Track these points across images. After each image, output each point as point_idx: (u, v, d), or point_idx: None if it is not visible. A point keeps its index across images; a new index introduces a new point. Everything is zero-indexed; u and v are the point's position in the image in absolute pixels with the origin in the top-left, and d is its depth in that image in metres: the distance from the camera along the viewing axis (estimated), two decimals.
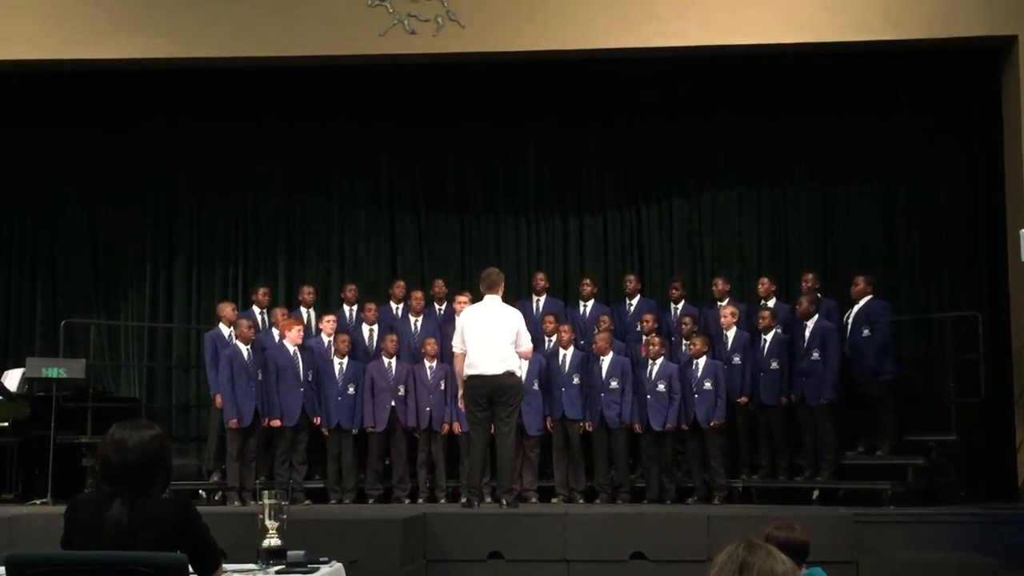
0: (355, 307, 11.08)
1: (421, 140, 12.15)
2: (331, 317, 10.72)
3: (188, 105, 11.86)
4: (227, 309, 10.64)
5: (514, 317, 9.07)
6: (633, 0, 10.29)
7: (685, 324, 10.26)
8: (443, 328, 10.47)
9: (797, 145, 11.78)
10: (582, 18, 10.30)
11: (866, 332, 9.94)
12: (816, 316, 9.98)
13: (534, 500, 9.94)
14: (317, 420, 10.29)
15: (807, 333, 9.95)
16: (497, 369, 8.84)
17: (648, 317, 10.39)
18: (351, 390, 10.26)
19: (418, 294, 10.95)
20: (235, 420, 9.86)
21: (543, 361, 10.17)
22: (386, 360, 10.30)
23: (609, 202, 12.00)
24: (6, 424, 10.27)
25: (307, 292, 11.12)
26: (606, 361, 9.98)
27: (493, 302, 9.06)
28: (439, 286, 11.12)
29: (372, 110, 11.98)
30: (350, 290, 11.20)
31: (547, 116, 11.94)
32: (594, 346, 10.06)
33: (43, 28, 10.41)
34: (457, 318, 9.39)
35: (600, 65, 11.12)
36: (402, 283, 11.21)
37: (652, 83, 11.50)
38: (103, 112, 11.96)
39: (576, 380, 10.04)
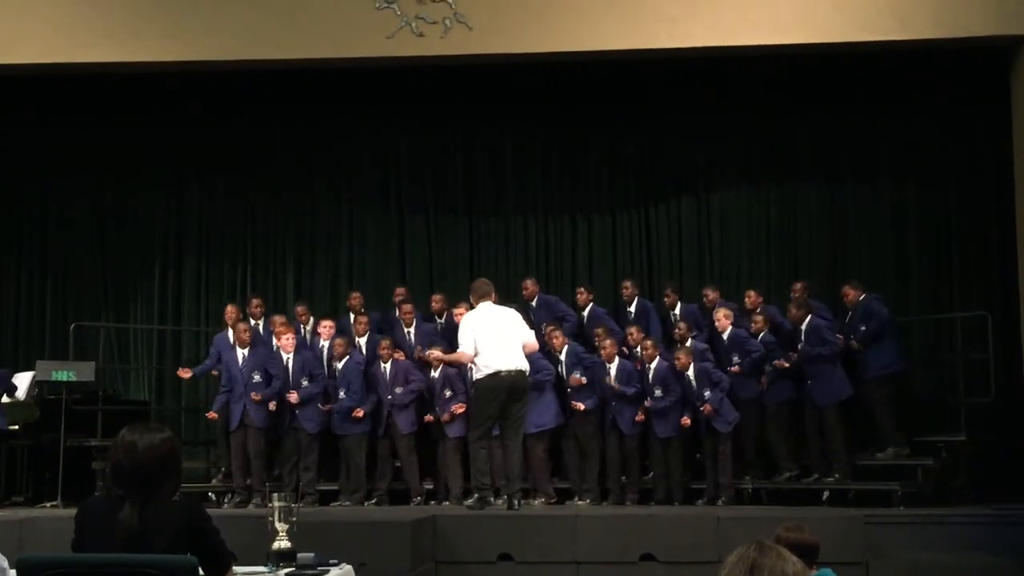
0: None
1: (429, 142, 12.17)
2: (328, 322, 10.69)
3: (196, 108, 11.89)
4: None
5: (517, 316, 9.15)
6: (641, 1, 10.27)
7: (679, 330, 10.24)
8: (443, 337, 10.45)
9: (806, 146, 11.77)
10: (590, 20, 10.28)
11: (863, 329, 9.96)
12: (808, 318, 9.96)
13: (553, 502, 9.93)
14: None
15: (803, 335, 9.93)
16: (516, 366, 8.85)
17: (682, 325, 10.33)
18: (356, 394, 10.26)
19: (407, 306, 10.83)
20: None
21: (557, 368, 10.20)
22: (383, 366, 10.31)
23: (618, 204, 12.00)
24: (16, 427, 10.31)
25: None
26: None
27: (491, 306, 9.06)
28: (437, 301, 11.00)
29: (380, 113, 12.00)
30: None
31: (556, 118, 11.94)
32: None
33: (52, 33, 10.41)
34: (461, 324, 9.15)
35: (609, 67, 11.12)
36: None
37: (661, 85, 11.50)
38: (112, 115, 11.96)
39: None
